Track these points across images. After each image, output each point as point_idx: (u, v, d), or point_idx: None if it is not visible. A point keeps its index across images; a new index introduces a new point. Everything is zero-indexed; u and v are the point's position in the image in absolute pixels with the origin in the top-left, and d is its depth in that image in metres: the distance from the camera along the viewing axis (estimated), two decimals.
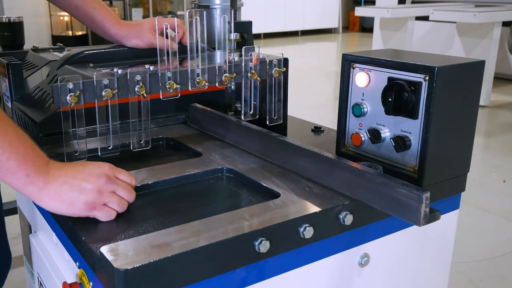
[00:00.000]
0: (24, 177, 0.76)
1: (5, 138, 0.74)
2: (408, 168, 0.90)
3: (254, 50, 1.12)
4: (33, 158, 0.77)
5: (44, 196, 0.78)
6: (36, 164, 0.77)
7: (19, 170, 0.75)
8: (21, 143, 0.76)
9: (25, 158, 0.76)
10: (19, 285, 2.05)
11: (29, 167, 0.76)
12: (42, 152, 0.80)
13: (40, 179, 0.77)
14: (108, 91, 0.96)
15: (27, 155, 0.76)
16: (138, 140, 1.09)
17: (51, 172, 0.78)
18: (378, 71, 0.93)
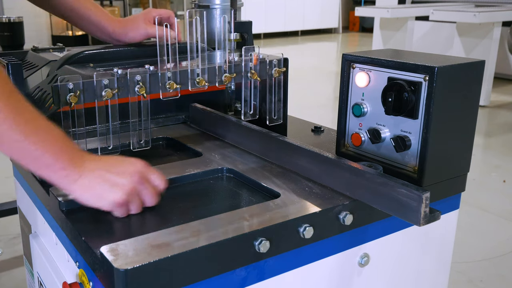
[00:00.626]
0: (59, 170, 0.77)
1: (39, 133, 0.75)
2: (408, 168, 0.90)
3: (254, 50, 1.12)
4: (67, 151, 0.78)
5: (78, 187, 0.79)
6: (70, 157, 0.78)
7: (55, 164, 0.76)
8: (54, 137, 0.77)
9: (60, 152, 0.77)
10: (19, 285, 2.05)
11: (64, 160, 0.77)
12: (75, 144, 0.81)
13: (75, 172, 0.78)
14: (108, 91, 0.96)
15: (62, 148, 0.77)
16: (138, 140, 1.09)
17: (86, 165, 0.79)
18: (378, 71, 0.93)
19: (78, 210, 0.85)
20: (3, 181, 2.92)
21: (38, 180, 0.95)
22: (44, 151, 0.75)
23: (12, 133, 0.73)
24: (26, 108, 0.76)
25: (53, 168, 0.77)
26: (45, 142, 0.75)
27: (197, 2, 1.34)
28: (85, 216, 0.83)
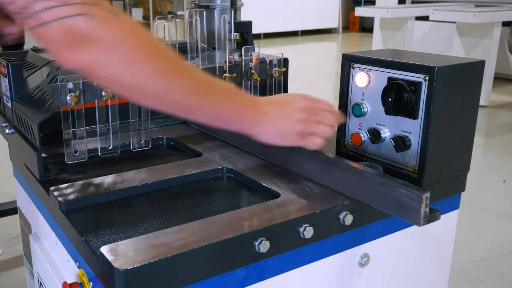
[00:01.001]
0: (244, 120, 0.83)
1: (218, 94, 0.80)
2: (408, 168, 0.90)
3: (254, 50, 1.12)
4: (244, 102, 0.84)
5: (263, 131, 0.85)
6: (248, 105, 0.84)
7: (240, 116, 0.83)
8: (230, 92, 0.83)
9: (239, 104, 0.83)
10: (19, 285, 2.05)
11: (246, 111, 0.83)
12: (246, 94, 0.87)
13: (257, 118, 0.84)
14: (108, 91, 0.96)
15: (239, 100, 0.83)
16: (138, 140, 1.09)
17: (264, 110, 0.85)
18: (378, 71, 0.93)
19: (78, 210, 0.85)
20: (3, 181, 2.92)
21: (38, 180, 0.95)
22: (228, 108, 0.81)
23: (201, 101, 0.78)
24: (199, 73, 0.80)
25: (240, 121, 0.83)
26: (228, 99, 0.81)
27: (197, 2, 1.34)
28: (85, 216, 0.83)
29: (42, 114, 0.94)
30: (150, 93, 0.73)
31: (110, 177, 0.94)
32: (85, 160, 1.04)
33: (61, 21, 0.62)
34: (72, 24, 0.62)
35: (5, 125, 1.12)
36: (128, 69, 0.68)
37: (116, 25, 0.67)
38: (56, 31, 0.62)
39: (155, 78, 0.71)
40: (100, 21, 0.64)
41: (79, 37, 0.63)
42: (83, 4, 0.63)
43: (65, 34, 0.63)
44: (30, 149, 0.95)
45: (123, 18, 0.68)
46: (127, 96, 0.75)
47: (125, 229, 0.79)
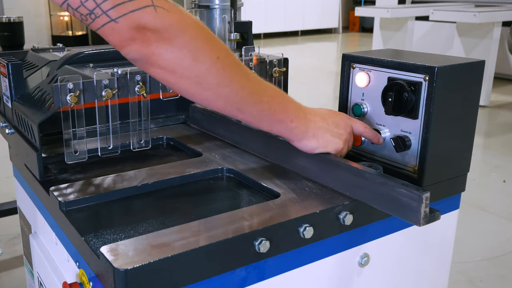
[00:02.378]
0: (289, 123, 0.84)
1: (267, 93, 0.81)
2: (408, 168, 0.90)
3: (254, 50, 1.12)
4: (291, 105, 0.85)
5: (304, 138, 0.87)
6: (295, 110, 0.85)
7: (284, 118, 0.83)
8: (278, 94, 0.83)
9: (286, 107, 0.84)
10: (19, 285, 2.05)
11: (291, 114, 0.84)
12: (291, 97, 0.86)
13: (301, 123, 0.85)
14: (108, 91, 0.96)
15: (286, 104, 0.84)
16: (138, 140, 1.09)
17: (308, 117, 0.87)
18: (378, 71, 0.93)
19: (78, 210, 0.85)
20: (3, 181, 2.92)
21: (38, 180, 0.95)
22: (275, 110, 0.82)
23: (251, 97, 0.79)
24: (250, 71, 0.81)
25: (284, 124, 0.84)
26: (273, 101, 0.82)
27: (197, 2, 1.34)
28: (85, 216, 0.83)
29: (42, 114, 0.94)
30: (205, 84, 0.74)
31: (110, 177, 0.94)
32: (85, 160, 1.04)
33: (129, 15, 0.65)
34: (139, 17, 0.66)
35: (5, 125, 1.12)
36: (189, 56, 0.71)
37: (179, 15, 0.69)
38: (123, 25, 0.66)
39: (214, 68, 0.73)
40: (165, 12, 0.67)
41: (145, 28, 0.67)
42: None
43: (132, 27, 0.66)
44: (30, 149, 0.95)
45: (182, 9, 0.71)
46: (182, 89, 0.76)
47: (125, 229, 0.79)
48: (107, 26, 0.66)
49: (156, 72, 0.73)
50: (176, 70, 0.72)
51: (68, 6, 0.66)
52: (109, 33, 0.67)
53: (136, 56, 0.71)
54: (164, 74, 0.73)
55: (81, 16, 0.67)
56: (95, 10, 0.65)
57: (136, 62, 0.72)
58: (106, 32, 0.67)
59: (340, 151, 0.90)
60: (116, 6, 0.65)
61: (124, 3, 0.65)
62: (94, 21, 0.66)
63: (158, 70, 0.72)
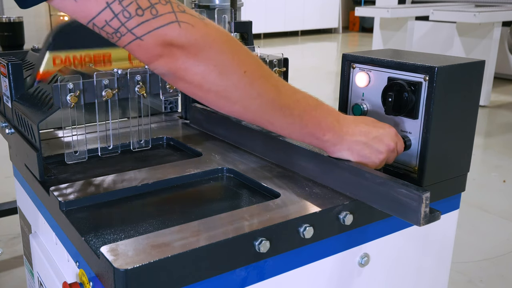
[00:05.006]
0: (321, 136, 0.83)
1: (299, 106, 0.80)
2: (408, 168, 0.90)
3: (254, 50, 1.12)
4: (326, 118, 0.82)
5: (338, 150, 0.85)
6: (330, 123, 0.83)
7: (316, 131, 0.82)
8: (311, 106, 0.81)
9: (319, 120, 0.82)
10: (19, 285, 2.05)
11: (324, 127, 0.82)
12: (330, 108, 0.84)
13: (335, 136, 0.83)
14: (108, 91, 0.96)
15: (320, 116, 0.82)
16: (138, 140, 1.09)
17: (345, 130, 0.84)
18: (378, 71, 0.93)
19: (78, 210, 0.85)
20: (3, 181, 2.92)
21: (38, 180, 0.95)
22: (307, 123, 0.81)
23: (282, 111, 0.78)
24: (283, 82, 0.80)
25: (316, 136, 0.82)
26: (305, 114, 0.80)
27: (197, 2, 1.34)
28: (85, 216, 0.83)
29: (42, 114, 0.94)
30: (233, 98, 0.74)
31: (110, 177, 0.94)
32: (85, 160, 1.04)
33: (154, 32, 0.66)
34: (164, 33, 0.66)
35: (5, 125, 1.12)
36: (215, 71, 0.71)
37: (204, 30, 0.69)
38: (149, 42, 0.67)
39: (241, 82, 0.73)
40: (190, 27, 0.67)
41: (171, 44, 0.67)
42: (173, 13, 0.66)
43: (158, 44, 0.67)
44: (30, 149, 0.95)
45: (208, 22, 0.71)
46: (210, 102, 0.76)
47: (125, 229, 0.79)
48: (134, 43, 0.66)
49: (184, 86, 0.73)
50: (203, 85, 0.72)
51: (94, 25, 0.66)
52: (136, 50, 0.68)
53: (163, 71, 0.71)
54: (192, 89, 0.73)
55: (107, 34, 0.67)
56: (120, 29, 0.65)
57: (164, 76, 0.73)
58: (133, 49, 0.68)
59: (375, 166, 0.87)
60: (141, 24, 0.65)
61: (148, 20, 0.65)
62: (120, 39, 0.66)
63: (186, 85, 0.72)
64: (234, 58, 0.73)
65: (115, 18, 0.64)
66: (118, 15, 0.64)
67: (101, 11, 0.64)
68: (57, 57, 1.10)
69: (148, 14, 0.65)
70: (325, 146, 0.85)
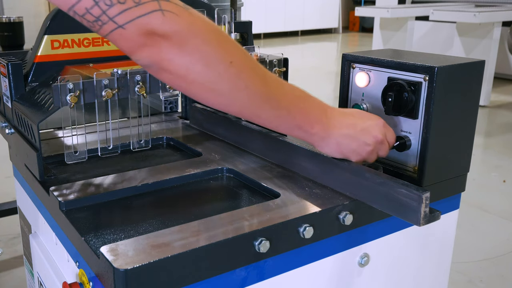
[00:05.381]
0: (310, 129, 0.81)
1: (287, 98, 0.78)
2: (408, 168, 0.90)
3: (254, 50, 1.12)
4: (313, 110, 0.81)
5: (326, 145, 0.84)
6: (317, 115, 0.82)
7: (304, 124, 0.81)
8: (299, 98, 0.80)
9: (308, 112, 0.80)
10: (19, 285, 2.05)
11: (312, 120, 0.81)
12: (317, 100, 0.83)
13: (323, 129, 0.82)
14: (108, 91, 0.96)
15: (308, 109, 0.81)
16: (138, 140, 1.09)
17: (332, 122, 0.83)
18: (378, 71, 0.93)
19: (78, 210, 0.85)
20: (3, 181, 2.92)
21: (38, 180, 0.95)
22: (294, 116, 0.79)
23: (268, 103, 0.76)
24: (270, 74, 0.78)
25: (303, 129, 0.81)
26: (293, 106, 0.79)
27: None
28: (85, 216, 0.83)
29: (42, 114, 0.94)
30: (218, 90, 0.72)
31: (110, 177, 0.94)
32: (85, 160, 1.04)
33: (136, 20, 0.64)
34: (147, 22, 0.64)
35: (5, 125, 1.12)
36: (200, 62, 0.69)
37: (189, 19, 0.67)
38: (132, 31, 0.65)
39: (227, 73, 0.71)
40: (174, 16, 0.65)
41: (154, 34, 0.65)
42: (156, 1, 0.64)
43: (141, 33, 0.65)
44: (30, 149, 0.95)
45: (194, 12, 0.69)
46: (194, 94, 0.74)
47: (125, 229, 0.79)
48: (115, 32, 0.65)
49: (168, 78, 0.71)
50: (187, 76, 0.70)
51: (74, 13, 0.65)
52: (117, 39, 0.66)
53: (147, 62, 0.69)
54: (176, 80, 0.71)
55: (88, 23, 0.65)
56: (101, 17, 0.63)
57: (147, 68, 0.71)
58: (114, 39, 0.66)
59: (364, 160, 0.87)
60: (123, 12, 0.63)
61: (130, 8, 0.63)
62: (101, 27, 0.65)
63: (170, 76, 0.70)
64: (220, 48, 0.70)
65: (96, 6, 0.63)
66: (99, 3, 0.62)
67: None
68: (55, 40, 1.09)
69: (130, 2, 0.63)
70: (313, 140, 0.84)
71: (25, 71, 1.08)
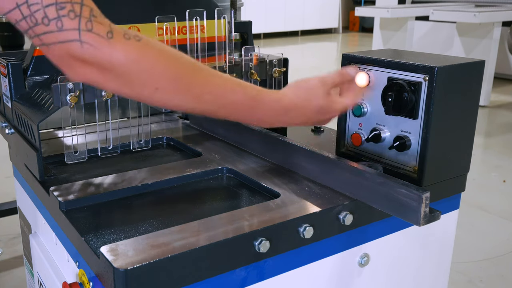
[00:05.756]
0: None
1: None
2: (408, 168, 0.90)
3: (254, 50, 1.12)
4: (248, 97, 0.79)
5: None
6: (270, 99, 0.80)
7: (250, 114, 0.80)
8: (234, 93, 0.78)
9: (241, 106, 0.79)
10: (19, 285, 2.05)
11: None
12: (251, 86, 0.81)
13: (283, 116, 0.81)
14: (108, 92, 0.96)
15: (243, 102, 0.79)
16: (138, 140, 1.09)
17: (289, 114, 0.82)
18: (378, 71, 0.93)
19: (78, 210, 0.85)
20: (3, 181, 2.92)
21: (38, 180, 0.95)
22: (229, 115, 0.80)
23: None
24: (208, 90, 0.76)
25: (250, 119, 0.81)
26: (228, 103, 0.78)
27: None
28: (85, 216, 0.83)
29: (42, 114, 0.94)
30: (154, 103, 0.72)
31: (110, 177, 0.94)
32: (85, 160, 1.04)
33: (60, 45, 0.64)
34: (69, 48, 0.64)
35: (5, 125, 1.12)
36: (126, 88, 0.69)
37: (108, 52, 0.66)
38: (57, 52, 0.65)
39: (154, 98, 0.71)
40: (92, 48, 0.65)
41: (78, 59, 0.65)
42: (77, 30, 0.64)
43: (66, 56, 0.65)
44: (30, 149, 0.95)
45: (121, 39, 0.66)
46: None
47: (125, 229, 0.79)
48: (42, 48, 0.65)
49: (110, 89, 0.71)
50: (124, 94, 0.70)
51: (9, 19, 0.66)
52: (46, 53, 0.66)
53: (80, 81, 0.70)
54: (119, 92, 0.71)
55: (21, 30, 0.66)
56: (29, 31, 0.64)
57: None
58: (44, 52, 0.67)
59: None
60: (46, 33, 0.63)
61: (53, 32, 0.63)
62: (32, 39, 0.65)
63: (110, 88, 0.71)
64: (141, 77, 0.68)
65: (23, 20, 0.63)
66: (26, 18, 0.63)
67: (11, 10, 0.63)
68: None
69: (53, 26, 0.63)
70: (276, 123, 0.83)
71: (24, 65, 1.08)
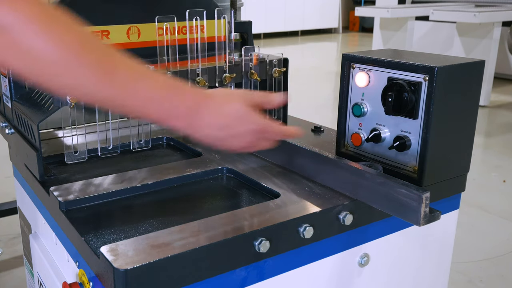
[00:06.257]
0: (180, 120, 0.74)
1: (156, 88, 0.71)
2: (408, 168, 0.90)
3: (254, 50, 1.12)
4: (182, 98, 0.74)
5: (199, 137, 0.77)
6: (187, 106, 0.74)
7: (168, 119, 0.73)
8: (161, 95, 0.72)
9: (169, 112, 0.73)
10: (19, 285, 2.05)
11: (181, 110, 0.73)
12: (185, 86, 0.76)
13: (194, 124, 0.75)
14: None
15: (170, 108, 0.73)
16: (138, 140, 1.09)
17: (203, 118, 0.75)
18: (378, 71, 0.93)
19: (78, 210, 0.85)
20: (3, 181, 2.92)
21: (38, 180, 0.95)
22: (153, 116, 0.73)
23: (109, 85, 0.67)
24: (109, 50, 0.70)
25: (170, 123, 0.74)
26: (152, 105, 0.71)
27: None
28: (85, 216, 0.83)
29: (42, 114, 0.94)
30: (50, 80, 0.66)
31: (110, 177, 0.94)
32: (85, 160, 1.04)
33: None
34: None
35: (5, 125, 1.12)
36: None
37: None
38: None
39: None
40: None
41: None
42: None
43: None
44: (30, 149, 0.95)
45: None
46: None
47: (125, 229, 0.79)
48: None
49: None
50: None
51: None
52: None
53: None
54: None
55: None
56: None
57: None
58: None
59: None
60: None
61: None
62: None
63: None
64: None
65: None
66: None
67: None
68: None
69: None
70: (186, 131, 0.77)
71: None
